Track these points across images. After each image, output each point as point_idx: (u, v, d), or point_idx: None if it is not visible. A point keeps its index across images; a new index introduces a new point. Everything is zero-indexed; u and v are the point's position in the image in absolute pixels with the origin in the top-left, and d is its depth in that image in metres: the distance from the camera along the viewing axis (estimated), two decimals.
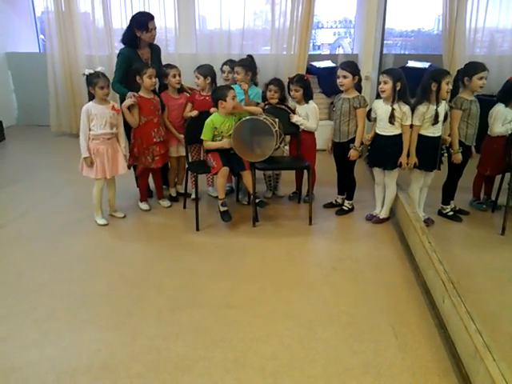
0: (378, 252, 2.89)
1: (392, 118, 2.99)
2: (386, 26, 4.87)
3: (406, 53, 6.32)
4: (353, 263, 2.75)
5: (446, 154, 3.13)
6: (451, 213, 3.31)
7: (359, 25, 5.85)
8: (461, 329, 1.91)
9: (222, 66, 3.79)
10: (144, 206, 3.56)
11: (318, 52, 8.20)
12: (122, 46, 3.50)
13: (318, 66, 5.38)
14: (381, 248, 2.94)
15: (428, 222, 3.14)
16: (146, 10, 5.40)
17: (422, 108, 2.95)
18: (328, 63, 5.44)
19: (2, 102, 6.26)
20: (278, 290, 2.47)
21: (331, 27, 8.37)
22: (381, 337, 2.11)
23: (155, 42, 3.64)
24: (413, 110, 2.99)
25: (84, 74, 3.07)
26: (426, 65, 5.02)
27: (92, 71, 3.04)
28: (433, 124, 2.94)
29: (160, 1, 5.57)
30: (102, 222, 3.29)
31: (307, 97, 3.48)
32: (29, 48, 6.63)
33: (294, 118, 3.43)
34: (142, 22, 3.42)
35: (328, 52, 7.95)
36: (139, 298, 2.41)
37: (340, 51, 7.61)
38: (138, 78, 3.22)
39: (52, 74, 5.89)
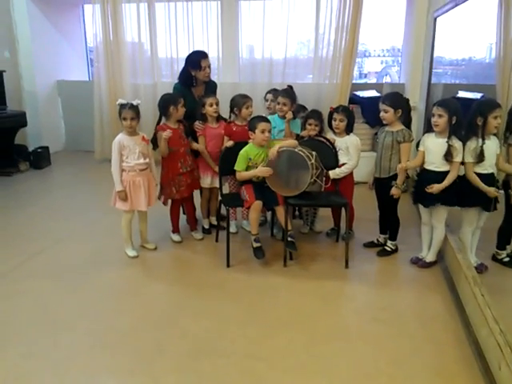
0: (423, 302, 2.62)
1: (449, 156, 2.74)
2: (436, 55, 4.65)
3: (457, 82, 6.02)
4: (395, 314, 2.49)
5: (502, 192, 2.84)
6: (507, 259, 2.98)
7: (406, 53, 5.66)
8: None
9: (266, 94, 3.74)
10: (176, 237, 3.47)
11: (364, 80, 8.04)
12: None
13: (361, 95, 5.21)
14: (427, 297, 2.66)
15: (481, 269, 2.83)
16: (195, 45, 5.55)
17: (471, 144, 2.70)
18: (372, 93, 5.26)
19: (51, 128, 6.51)
20: (310, 342, 2.26)
21: (378, 55, 8.22)
22: None
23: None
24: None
25: (118, 104, 3.05)
26: (477, 95, 4.72)
27: (124, 102, 3.02)
28: (477, 162, 2.68)
29: (204, 30, 5.63)
30: (132, 253, 3.21)
31: (349, 129, 3.30)
32: (80, 77, 6.92)
33: (335, 173, 3.24)
34: (194, 60, 3.43)
35: (375, 80, 7.79)
36: (161, 341, 2.27)
37: (387, 80, 7.44)
38: (172, 108, 3.16)
39: (98, 101, 6.05)
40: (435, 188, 2.78)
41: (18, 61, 5.98)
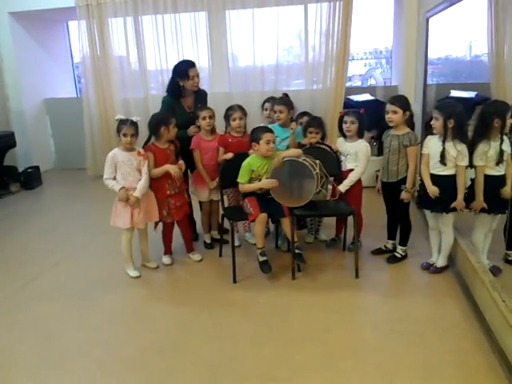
0: (440, 309, 2.54)
1: (443, 159, 2.70)
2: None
3: (449, 82, 6.00)
4: (413, 324, 2.40)
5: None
6: None
7: (397, 55, 5.64)
8: None
9: (264, 103, 3.68)
10: (166, 259, 3.29)
11: (349, 83, 8.03)
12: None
13: (355, 99, 5.16)
14: (443, 304, 2.58)
15: (495, 272, 2.76)
16: (184, 56, 5.44)
17: (483, 146, 2.63)
18: (366, 96, 5.22)
19: (40, 147, 6.38)
20: (327, 358, 2.16)
21: (361, 58, 8.24)
22: None
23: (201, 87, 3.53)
24: (471, 149, 2.68)
25: (116, 120, 2.96)
26: (471, 94, 4.69)
27: (123, 117, 2.93)
28: (497, 163, 2.62)
29: (193, 41, 5.55)
30: (133, 274, 3.10)
31: (360, 133, 3.19)
32: (67, 94, 6.79)
33: (345, 184, 3.14)
34: (182, 70, 3.33)
35: (359, 83, 7.77)
36: (173, 368, 2.16)
37: (372, 82, 7.43)
38: (163, 128, 3.01)
39: (88, 117, 5.95)
40: (459, 205, 2.71)
41: (3, 81, 5.86)
